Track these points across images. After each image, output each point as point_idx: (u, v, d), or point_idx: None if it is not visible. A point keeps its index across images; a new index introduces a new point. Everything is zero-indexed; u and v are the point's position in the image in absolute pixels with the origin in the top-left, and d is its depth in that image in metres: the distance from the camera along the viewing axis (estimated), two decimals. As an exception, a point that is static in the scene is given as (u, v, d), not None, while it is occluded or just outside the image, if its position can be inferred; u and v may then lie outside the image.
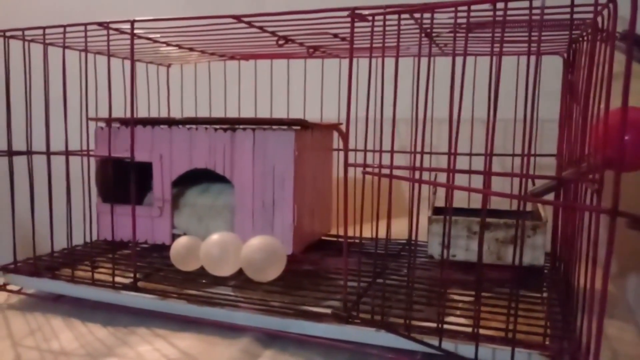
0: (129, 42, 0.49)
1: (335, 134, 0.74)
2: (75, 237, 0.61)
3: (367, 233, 0.74)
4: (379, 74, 0.41)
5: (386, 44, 0.40)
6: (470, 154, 0.68)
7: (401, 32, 0.45)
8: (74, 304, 0.55)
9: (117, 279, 0.53)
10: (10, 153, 0.56)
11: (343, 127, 0.73)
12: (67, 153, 0.53)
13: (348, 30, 0.53)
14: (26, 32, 0.54)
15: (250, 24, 0.47)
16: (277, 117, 0.71)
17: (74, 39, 0.53)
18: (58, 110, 0.55)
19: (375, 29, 0.43)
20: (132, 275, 0.54)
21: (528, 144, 0.34)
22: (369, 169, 0.41)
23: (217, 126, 0.62)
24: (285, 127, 0.60)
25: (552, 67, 0.65)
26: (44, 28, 0.51)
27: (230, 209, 0.63)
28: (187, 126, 0.63)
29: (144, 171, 0.69)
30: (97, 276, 0.54)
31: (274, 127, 0.60)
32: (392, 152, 0.42)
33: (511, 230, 0.58)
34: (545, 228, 0.57)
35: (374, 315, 0.43)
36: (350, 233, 0.73)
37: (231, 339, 0.47)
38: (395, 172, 0.40)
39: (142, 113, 0.76)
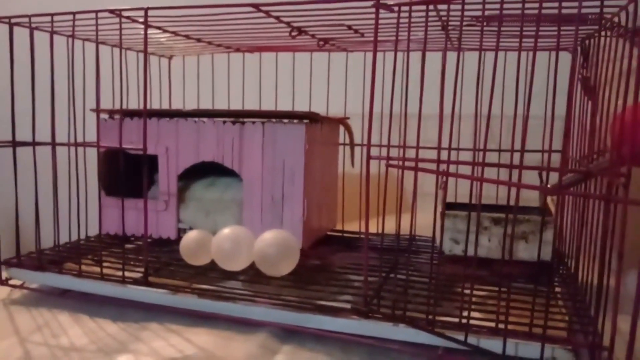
0: (133, 30, 0.47)
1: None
2: (73, 231, 0.60)
3: (372, 228, 0.74)
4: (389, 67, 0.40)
5: (402, 37, 0.40)
6: (500, 150, 0.68)
7: (417, 24, 0.44)
8: (80, 298, 0.54)
9: (126, 273, 0.52)
10: (14, 144, 0.54)
11: (349, 121, 0.72)
12: (77, 144, 0.51)
13: (362, 22, 0.53)
14: (32, 20, 0.52)
15: (268, 14, 0.46)
16: (282, 110, 0.70)
17: (78, 27, 0.52)
18: (59, 100, 0.53)
19: (389, 20, 0.43)
20: (139, 269, 0.53)
21: (552, 139, 0.34)
22: (392, 162, 0.41)
23: (226, 119, 0.61)
24: (295, 120, 0.59)
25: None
26: (51, 15, 0.50)
27: (238, 203, 0.62)
28: (195, 118, 0.62)
29: (149, 164, 0.67)
30: (104, 271, 0.53)
31: (285, 120, 0.59)
32: (417, 146, 0.41)
33: (522, 226, 0.58)
34: (553, 224, 0.57)
35: (395, 310, 0.43)
36: (356, 228, 0.73)
37: (247, 334, 0.46)
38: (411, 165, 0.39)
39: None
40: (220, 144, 0.61)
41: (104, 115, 0.65)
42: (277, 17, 0.48)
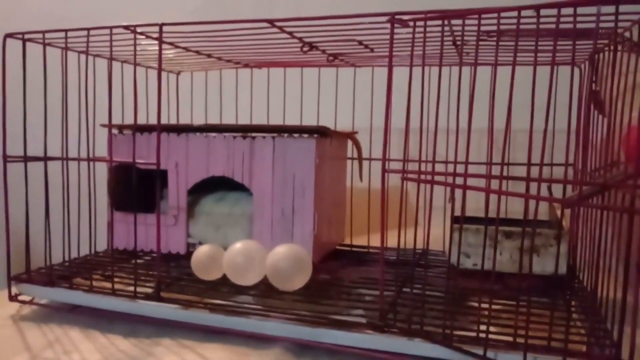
0: (142, 46, 0.48)
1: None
2: (82, 246, 0.60)
3: (379, 242, 0.73)
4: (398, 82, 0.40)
5: (416, 52, 0.40)
6: (515, 164, 0.67)
7: (428, 39, 0.45)
8: (90, 314, 0.53)
9: (137, 289, 0.52)
10: (26, 159, 0.54)
11: (357, 136, 0.72)
12: (89, 159, 0.51)
13: (373, 37, 0.53)
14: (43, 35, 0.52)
15: (282, 29, 0.46)
16: (292, 124, 0.71)
17: (81, 43, 0.52)
18: (71, 117, 0.54)
19: (400, 36, 0.43)
20: (149, 284, 0.53)
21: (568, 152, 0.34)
22: (407, 175, 0.41)
23: (236, 134, 0.61)
24: (305, 134, 0.59)
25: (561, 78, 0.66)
26: (65, 31, 0.50)
27: (248, 218, 0.62)
28: (205, 133, 0.62)
29: (156, 179, 0.67)
30: (107, 285, 0.53)
31: (295, 134, 0.59)
32: (433, 160, 0.41)
33: (532, 239, 0.58)
34: (568, 237, 0.57)
35: (411, 324, 0.42)
36: (363, 242, 0.73)
37: (262, 350, 0.46)
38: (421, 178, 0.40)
39: (150, 120, 0.74)
40: (230, 158, 0.61)
41: (113, 131, 0.66)
42: (290, 33, 0.48)
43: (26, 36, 0.52)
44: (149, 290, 0.52)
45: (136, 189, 0.52)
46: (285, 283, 0.51)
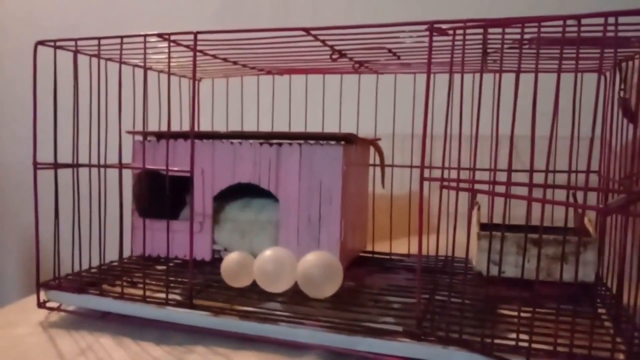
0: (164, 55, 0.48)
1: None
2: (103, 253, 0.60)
3: (400, 248, 0.73)
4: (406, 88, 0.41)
5: (443, 59, 0.40)
6: (547, 171, 0.67)
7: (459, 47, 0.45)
8: (119, 321, 0.53)
9: (162, 295, 0.52)
10: (56, 166, 0.54)
11: (380, 142, 0.73)
12: (121, 166, 0.51)
13: (401, 45, 0.53)
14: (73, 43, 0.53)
15: (316, 37, 0.47)
16: (317, 131, 0.71)
17: (112, 51, 0.53)
18: (86, 122, 0.54)
19: (425, 44, 0.43)
20: (176, 291, 0.53)
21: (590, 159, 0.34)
22: (446, 183, 0.41)
23: (263, 140, 0.61)
24: (333, 141, 0.59)
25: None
26: (99, 39, 0.50)
27: (274, 225, 0.62)
28: (231, 140, 0.62)
29: (181, 185, 0.68)
30: (140, 293, 0.53)
31: (322, 142, 0.60)
32: (473, 168, 0.41)
33: (561, 246, 0.58)
34: (596, 244, 0.56)
35: (449, 333, 0.42)
36: (383, 248, 0.73)
37: (295, 357, 0.46)
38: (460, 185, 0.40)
39: (173, 127, 0.74)
40: (257, 165, 0.61)
41: (138, 137, 0.66)
42: (323, 41, 0.49)
43: (58, 43, 0.52)
44: (177, 297, 0.52)
45: (169, 195, 0.52)
46: (316, 290, 0.51)
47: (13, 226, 1.19)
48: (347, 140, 0.60)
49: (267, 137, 0.62)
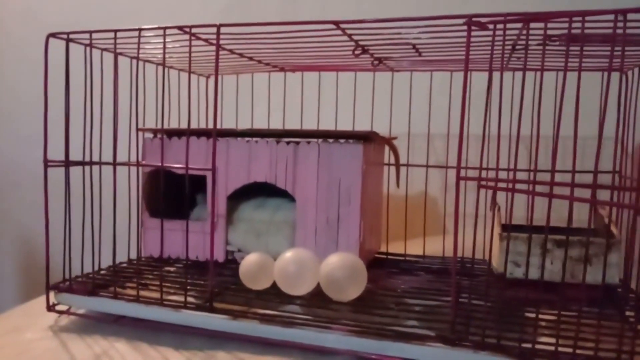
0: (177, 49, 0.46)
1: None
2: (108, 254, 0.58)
3: (414, 249, 0.72)
4: (423, 86, 0.39)
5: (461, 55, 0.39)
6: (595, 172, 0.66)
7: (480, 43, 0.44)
8: (134, 325, 0.51)
9: (178, 297, 0.50)
10: (68, 163, 0.52)
11: (395, 142, 0.71)
12: (138, 164, 0.49)
13: (427, 41, 0.52)
14: (83, 35, 0.51)
15: (344, 32, 0.45)
16: (333, 129, 0.69)
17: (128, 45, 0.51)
18: (107, 120, 0.52)
19: (447, 40, 0.42)
20: (191, 294, 0.51)
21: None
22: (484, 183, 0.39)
23: (280, 138, 0.60)
24: (352, 140, 0.58)
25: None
26: (115, 31, 0.48)
27: (290, 225, 0.61)
28: (246, 138, 0.61)
29: (192, 184, 0.66)
30: (153, 295, 0.51)
31: (341, 140, 0.58)
32: (514, 168, 0.40)
33: (585, 248, 0.56)
34: (621, 245, 0.55)
35: (485, 338, 0.41)
36: (395, 249, 0.72)
37: (323, 363, 0.44)
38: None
39: (182, 124, 0.72)
40: (273, 164, 0.60)
41: (147, 135, 0.64)
42: (350, 35, 0.47)
43: (71, 35, 0.50)
44: (192, 300, 0.50)
45: (188, 195, 0.50)
46: (340, 293, 0.50)
47: (8, 227, 1.15)
48: (366, 138, 0.58)
49: (284, 135, 0.60)
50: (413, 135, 0.77)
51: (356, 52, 0.53)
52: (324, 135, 0.59)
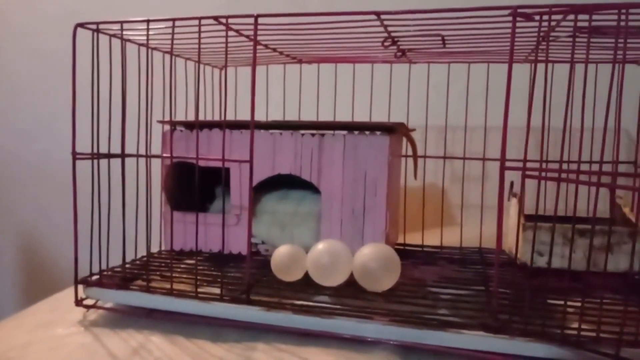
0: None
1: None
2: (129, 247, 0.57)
3: (432, 240, 0.73)
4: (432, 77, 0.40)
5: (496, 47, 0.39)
6: None
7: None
8: (166, 318, 0.51)
9: (210, 289, 0.50)
10: (98, 156, 0.52)
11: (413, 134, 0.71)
12: (172, 157, 0.49)
13: (452, 32, 0.52)
14: (117, 26, 0.50)
15: (382, 22, 0.45)
16: (364, 121, 0.69)
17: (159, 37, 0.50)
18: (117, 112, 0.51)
19: (521, 30, 0.42)
20: (216, 285, 0.51)
21: None
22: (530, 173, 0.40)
23: (305, 130, 0.60)
24: (377, 131, 0.58)
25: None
26: (147, 21, 0.48)
27: (315, 217, 0.61)
28: (270, 130, 0.60)
29: (211, 177, 0.65)
30: (182, 288, 0.51)
31: (367, 132, 0.58)
32: (561, 159, 0.40)
33: (606, 237, 0.58)
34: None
35: (527, 325, 0.42)
36: (411, 240, 0.72)
37: (365, 353, 0.44)
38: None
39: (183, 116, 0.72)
40: (298, 156, 0.60)
41: (167, 127, 0.63)
42: (386, 26, 0.47)
43: (101, 26, 0.49)
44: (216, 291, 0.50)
45: (223, 188, 0.50)
46: (375, 284, 0.50)
47: (7, 222, 1.13)
48: (392, 130, 0.59)
49: (309, 127, 0.60)
50: (421, 127, 0.77)
51: (385, 44, 0.53)
52: (350, 127, 0.59)
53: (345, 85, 0.75)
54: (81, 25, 0.50)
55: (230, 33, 0.47)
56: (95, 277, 0.53)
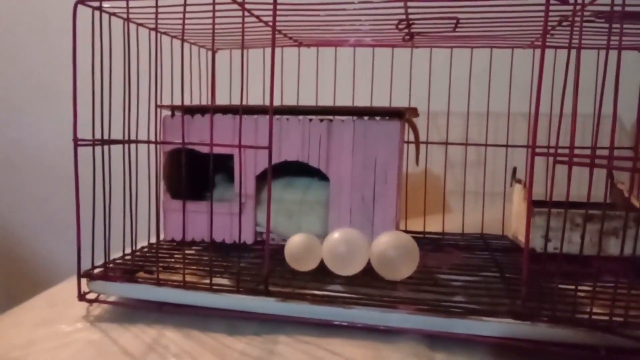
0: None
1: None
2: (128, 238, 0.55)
3: (434, 226, 0.72)
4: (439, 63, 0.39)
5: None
6: None
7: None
8: (177, 312, 0.49)
9: (219, 280, 0.48)
10: (102, 142, 0.49)
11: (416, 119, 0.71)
12: (184, 144, 0.47)
13: (475, 15, 0.51)
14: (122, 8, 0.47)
15: (405, 4, 0.44)
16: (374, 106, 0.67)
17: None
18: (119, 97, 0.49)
19: (528, 15, 0.42)
20: (225, 276, 0.50)
21: None
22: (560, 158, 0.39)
23: (312, 116, 0.58)
24: (387, 117, 0.57)
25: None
26: (156, 7, 0.45)
27: (322, 204, 0.59)
28: (277, 116, 0.58)
29: (214, 164, 0.63)
30: (189, 279, 0.49)
31: (377, 117, 0.57)
32: (594, 146, 0.40)
33: (613, 222, 0.58)
34: (645, 218, 0.57)
35: (555, 312, 0.41)
36: (410, 227, 0.72)
37: (390, 343, 0.43)
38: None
39: (194, 101, 0.69)
40: (305, 142, 0.58)
41: (166, 112, 0.60)
42: (407, 8, 0.46)
43: (104, 4, 0.46)
44: (225, 282, 0.48)
45: (235, 175, 0.47)
46: (393, 272, 0.49)
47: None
48: (402, 115, 0.57)
49: (317, 113, 0.58)
50: (422, 113, 0.76)
51: (400, 27, 0.51)
52: (360, 112, 0.57)
53: (345, 70, 0.73)
54: (82, 2, 0.47)
55: (246, 14, 0.45)
56: (98, 270, 0.51)
